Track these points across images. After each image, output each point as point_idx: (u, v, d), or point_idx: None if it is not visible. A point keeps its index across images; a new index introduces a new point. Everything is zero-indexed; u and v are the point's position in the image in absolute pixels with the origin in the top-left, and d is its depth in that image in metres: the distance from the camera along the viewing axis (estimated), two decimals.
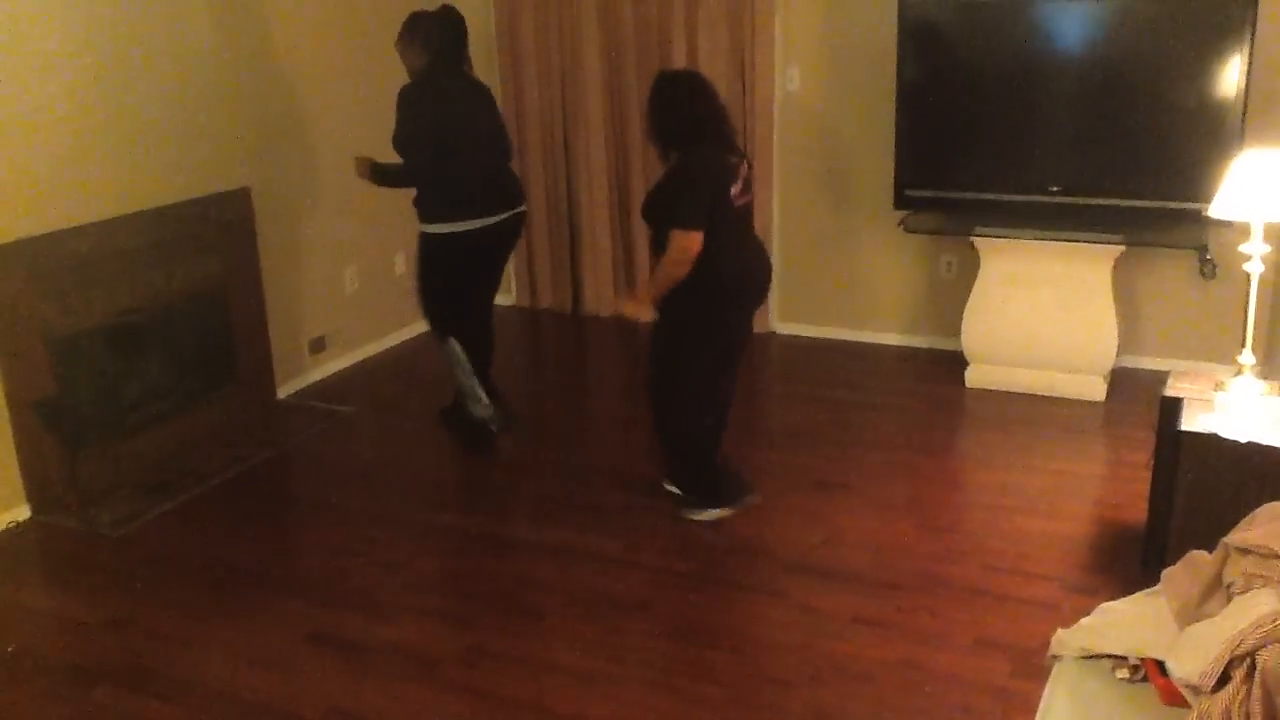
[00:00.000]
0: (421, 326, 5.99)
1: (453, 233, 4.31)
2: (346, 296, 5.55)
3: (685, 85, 3.70)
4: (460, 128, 4.28)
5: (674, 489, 3.98)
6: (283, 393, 5.14)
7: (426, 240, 4.39)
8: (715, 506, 3.90)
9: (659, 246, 3.63)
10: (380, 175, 4.37)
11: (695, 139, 3.59)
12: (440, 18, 4.34)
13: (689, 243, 3.49)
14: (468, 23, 4.39)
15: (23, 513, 4.02)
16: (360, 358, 5.66)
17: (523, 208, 4.53)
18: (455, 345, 4.51)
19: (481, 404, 4.59)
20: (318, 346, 5.38)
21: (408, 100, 4.22)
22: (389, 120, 4.22)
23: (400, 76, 4.33)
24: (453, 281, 4.47)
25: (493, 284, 4.72)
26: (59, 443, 4.08)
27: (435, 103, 4.24)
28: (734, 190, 3.59)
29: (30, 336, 3.94)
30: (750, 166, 3.76)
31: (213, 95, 4.64)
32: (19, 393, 3.94)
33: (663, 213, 3.59)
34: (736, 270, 3.68)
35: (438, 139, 4.21)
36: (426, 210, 4.35)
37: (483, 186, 4.35)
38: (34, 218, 3.92)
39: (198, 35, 4.55)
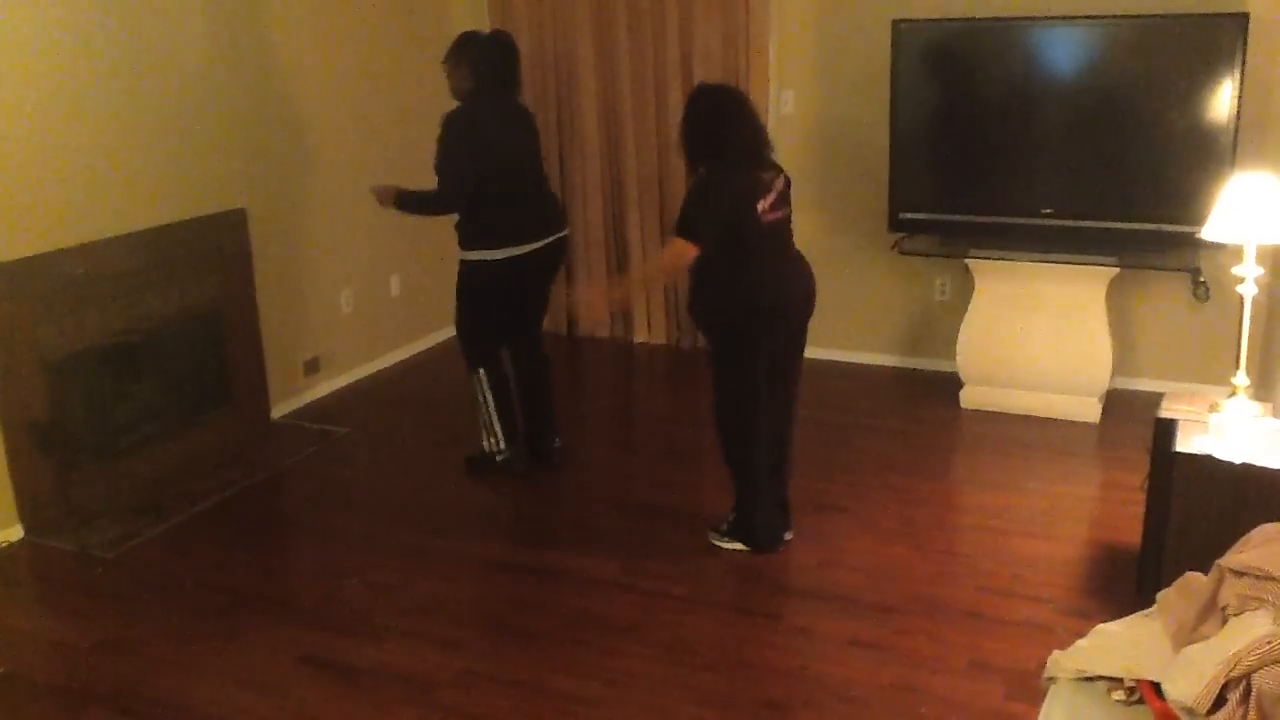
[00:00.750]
0: (415, 347, 6.01)
1: (491, 259, 4.24)
2: (342, 318, 5.55)
3: (715, 102, 3.63)
4: (502, 155, 4.21)
5: (718, 533, 3.88)
6: (277, 414, 5.13)
7: (465, 267, 4.31)
8: (742, 542, 3.83)
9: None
10: (407, 203, 4.28)
11: (720, 156, 3.54)
12: (491, 43, 4.29)
13: (683, 251, 3.47)
14: (477, 45, 4.29)
15: (15, 533, 4.01)
16: (355, 379, 5.65)
17: (563, 232, 4.46)
18: (482, 377, 4.42)
19: (495, 441, 4.49)
20: (312, 368, 5.38)
21: (453, 128, 4.14)
22: (387, 141, 4.22)
23: (403, 100, 4.35)
24: (489, 309, 4.37)
25: (538, 311, 4.60)
26: (52, 464, 4.07)
27: (479, 131, 4.16)
28: (762, 205, 3.53)
29: (24, 357, 3.94)
30: (788, 182, 3.70)
31: (208, 116, 4.65)
32: (13, 413, 3.93)
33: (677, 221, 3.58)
34: (772, 286, 3.61)
35: (479, 167, 4.15)
36: (466, 237, 4.27)
37: (522, 213, 4.28)
38: (29, 239, 3.92)
39: (194, 56, 4.56)
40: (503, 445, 4.50)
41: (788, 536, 3.87)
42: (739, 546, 3.81)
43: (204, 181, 4.65)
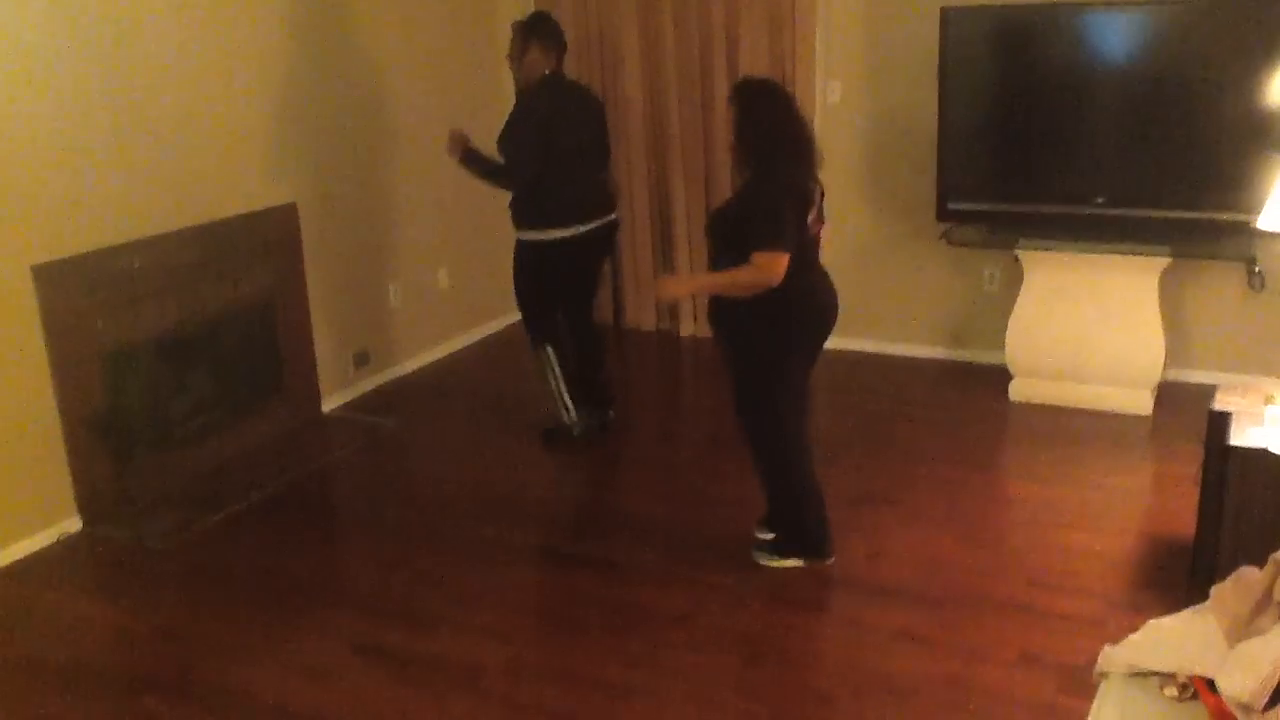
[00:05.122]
0: (464, 340, 6.06)
1: (544, 240, 4.36)
2: (390, 311, 5.61)
3: (771, 97, 3.47)
4: (569, 141, 4.30)
5: (765, 535, 3.74)
6: (327, 406, 5.20)
7: (521, 247, 4.46)
8: (798, 556, 3.68)
9: (722, 265, 3.41)
10: (472, 161, 4.34)
11: (781, 155, 3.38)
12: (551, 22, 4.37)
13: (777, 264, 3.26)
14: (550, 26, 4.40)
15: (74, 524, 4.09)
16: (404, 371, 5.71)
17: (613, 216, 4.57)
18: (549, 351, 4.57)
19: (567, 412, 4.66)
20: (362, 360, 5.44)
21: (530, 108, 4.25)
22: (436, 135, 4.25)
23: (451, 94, 4.38)
24: (546, 288, 4.52)
25: (588, 292, 4.75)
26: (109, 455, 4.15)
27: (555, 117, 4.25)
28: (810, 217, 3.41)
29: (82, 350, 4.02)
30: (824, 193, 3.51)
31: (261, 113, 4.71)
32: (71, 405, 4.01)
33: (739, 231, 3.35)
34: (814, 300, 3.52)
35: (545, 153, 4.22)
36: (522, 217, 4.40)
37: (577, 196, 4.37)
38: (86, 234, 4.00)
39: (248, 55, 4.61)
40: (574, 416, 4.65)
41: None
42: (794, 563, 3.67)
43: (256, 177, 4.71)
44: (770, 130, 3.38)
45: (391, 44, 5.41)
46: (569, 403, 4.64)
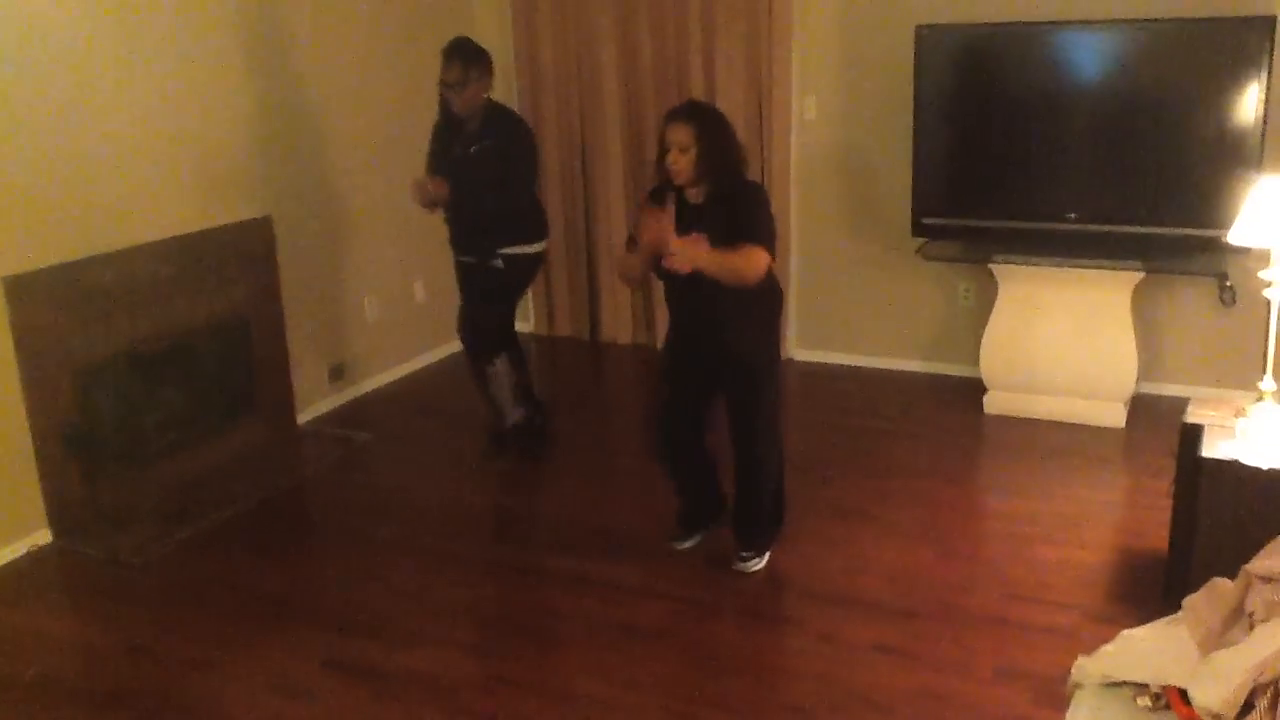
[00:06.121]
0: (440, 353, 6.02)
1: (538, 252, 4.57)
2: (366, 324, 5.58)
3: (722, 114, 3.64)
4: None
5: (751, 556, 3.74)
6: (302, 420, 5.17)
7: (515, 262, 4.50)
8: (770, 550, 3.83)
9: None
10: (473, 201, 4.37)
11: (742, 170, 3.56)
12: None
13: (765, 263, 3.40)
14: (490, 56, 4.38)
15: (44, 537, 4.05)
16: (379, 385, 5.68)
17: None
18: (506, 359, 4.63)
19: (508, 415, 4.72)
20: (337, 374, 5.41)
21: (527, 137, 4.47)
22: (412, 150, 4.28)
23: (428, 112, 4.42)
24: (516, 302, 4.78)
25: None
26: (81, 469, 4.11)
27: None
28: None
29: (54, 364, 3.98)
30: None
31: (235, 125, 4.70)
32: (43, 419, 3.97)
33: (735, 227, 3.41)
34: (781, 296, 3.79)
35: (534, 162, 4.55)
36: (519, 233, 4.47)
37: (541, 209, 4.64)
38: (58, 247, 3.97)
39: (221, 66, 4.60)
40: (517, 413, 4.73)
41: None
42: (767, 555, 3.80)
43: (231, 189, 4.69)
44: (736, 142, 3.56)
45: (368, 57, 5.41)
46: (513, 405, 4.71)
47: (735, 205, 3.48)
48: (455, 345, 6.11)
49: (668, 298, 3.76)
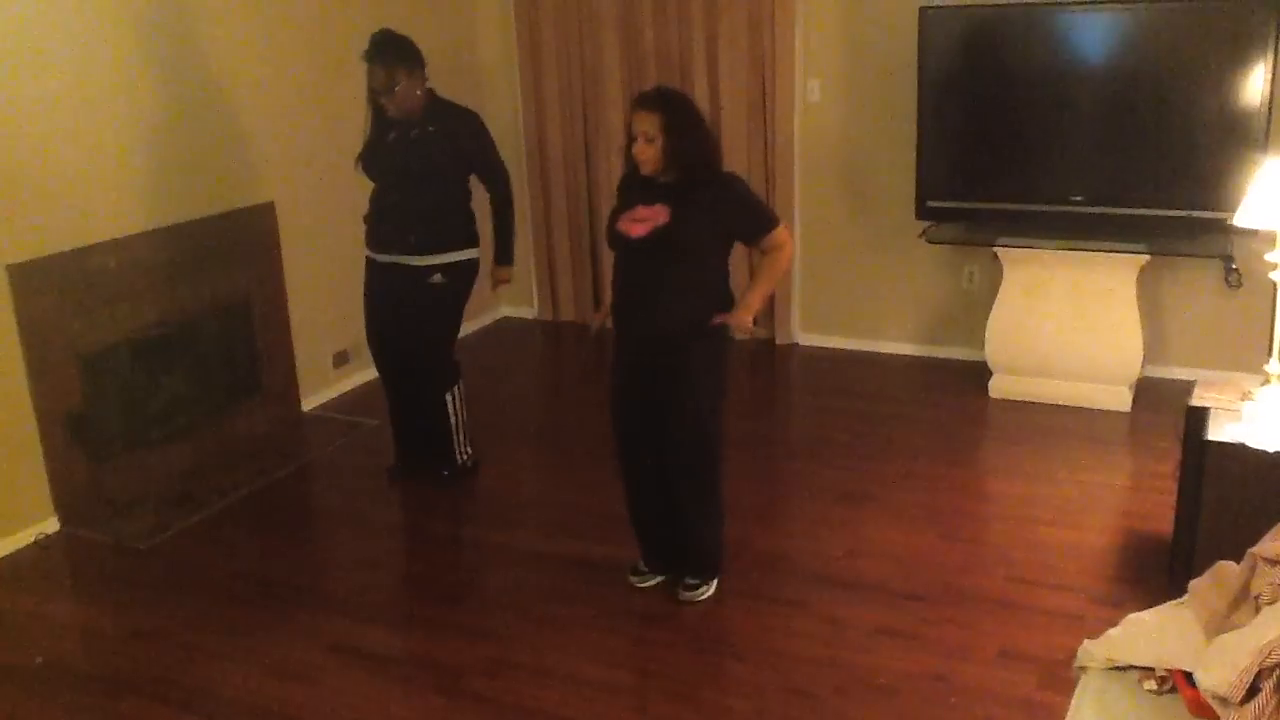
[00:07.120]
0: None
1: (477, 258, 4.20)
2: None
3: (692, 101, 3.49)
4: None
5: (701, 587, 3.50)
6: (307, 406, 5.17)
7: (461, 269, 4.12)
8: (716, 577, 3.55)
9: (682, 270, 3.26)
10: (510, 241, 4.19)
11: (719, 160, 3.44)
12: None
13: (789, 236, 3.35)
14: (414, 44, 4.06)
15: (51, 524, 4.05)
16: None
17: None
18: (460, 390, 4.29)
19: (468, 451, 4.39)
20: (341, 360, 5.41)
21: (477, 117, 4.12)
22: None
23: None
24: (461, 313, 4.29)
25: None
26: (86, 455, 4.11)
27: None
28: None
29: (58, 351, 3.98)
30: None
31: (238, 111, 4.68)
32: (48, 406, 3.97)
33: (740, 225, 3.33)
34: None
35: None
36: (464, 236, 4.11)
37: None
38: (62, 234, 3.96)
39: (224, 52, 4.59)
40: (466, 450, 4.38)
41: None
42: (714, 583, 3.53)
43: (234, 176, 4.68)
44: (706, 132, 3.38)
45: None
46: (465, 441, 4.36)
47: (717, 197, 3.29)
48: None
49: (615, 272, 3.44)
